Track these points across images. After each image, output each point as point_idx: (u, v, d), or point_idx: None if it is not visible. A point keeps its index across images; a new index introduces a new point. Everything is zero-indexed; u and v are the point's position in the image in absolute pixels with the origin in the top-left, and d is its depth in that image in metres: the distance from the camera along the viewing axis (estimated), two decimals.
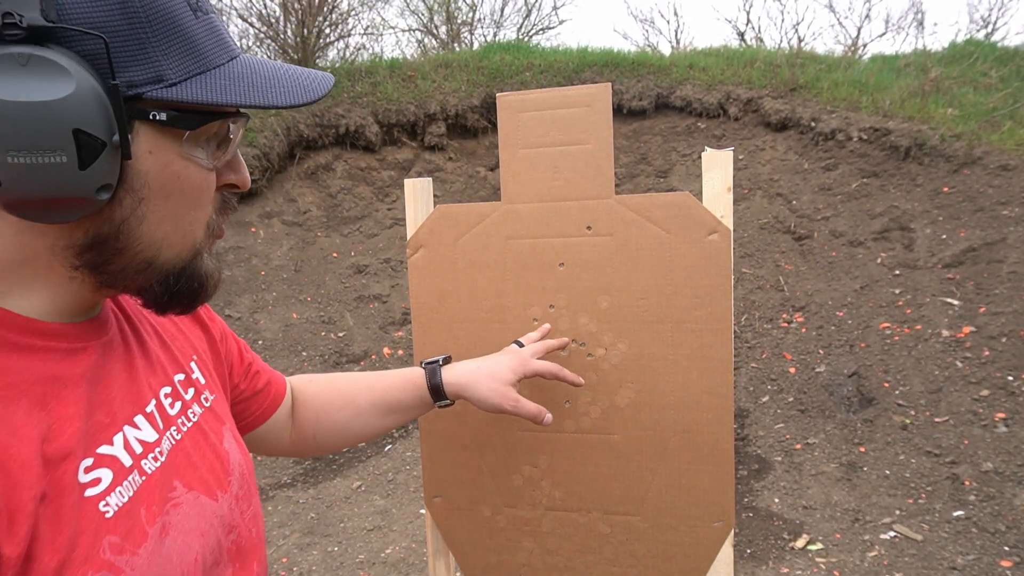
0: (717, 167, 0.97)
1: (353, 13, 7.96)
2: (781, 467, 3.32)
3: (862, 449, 3.32)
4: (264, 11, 7.50)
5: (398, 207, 5.55)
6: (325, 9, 7.24)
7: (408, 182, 1.09)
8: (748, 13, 13.41)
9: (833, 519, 2.94)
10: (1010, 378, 3.34)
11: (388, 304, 4.90)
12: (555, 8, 12.62)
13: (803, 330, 4.13)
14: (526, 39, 9.38)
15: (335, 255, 5.19)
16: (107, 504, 0.48)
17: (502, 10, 13.67)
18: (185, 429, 0.61)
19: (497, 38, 9.55)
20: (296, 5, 6.90)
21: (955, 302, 3.85)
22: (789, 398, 3.75)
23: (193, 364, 0.67)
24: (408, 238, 1.10)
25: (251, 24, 7.48)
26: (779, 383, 3.87)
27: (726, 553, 1.01)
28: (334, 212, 5.45)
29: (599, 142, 1.00)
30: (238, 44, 0.53)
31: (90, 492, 0.47)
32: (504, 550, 1.10)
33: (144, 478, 0.52)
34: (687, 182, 5.23)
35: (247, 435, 0.82)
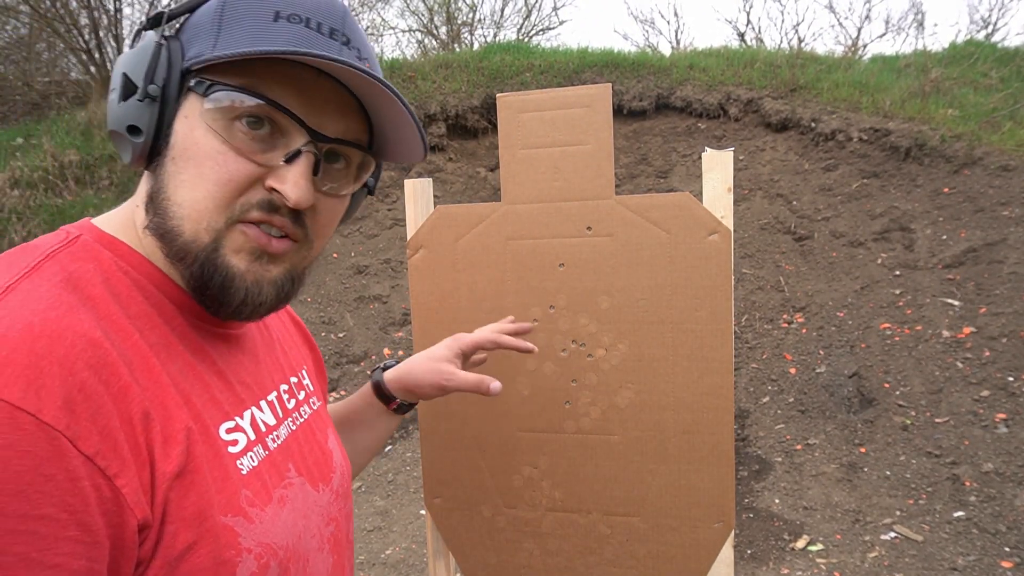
0: (717, 168, 0.97)
1: (353, 14, 7.97)
2: (781, 468, 3.32)
3: (862, 450, 3.32)
4: None
5: (398, 207, 5.55)
6: None
7: (408, 183, 1.09)
8: (748, 14, 13.43)
9: (833, 520, 2.93)
10: (1010, 379, 3.34)
11: (388, 305, 4.90)
12: (555, 9, 12.63)
13: (803, 331, 4.13)
14: (526, 40, 9.39)
15: (335, 256, 5.19)
16: (242, 463, 0.55)
17: (502, 11, 13.69)
18: (298, 423, 0.67)
19: (497, 39, 9.56)
20: None
21: (955, 303, 3.85)
22: (789, 399, 3.75)
23: (304, 372, 0.75)
24: (408, 239, 1.10)
25: None
26: (779, 384, 3.87)
27: (726, 554, 1.01)
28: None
29: (599, 143, 1.00)
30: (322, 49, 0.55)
31: (231, 449, 0.54)
32: (504, 551, 1.10)
33: (267, 453, 0.59)
34: (687, 183, 5.23)
35: None
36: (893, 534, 2.79)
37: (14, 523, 0.38)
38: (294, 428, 0.65)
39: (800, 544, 2.80)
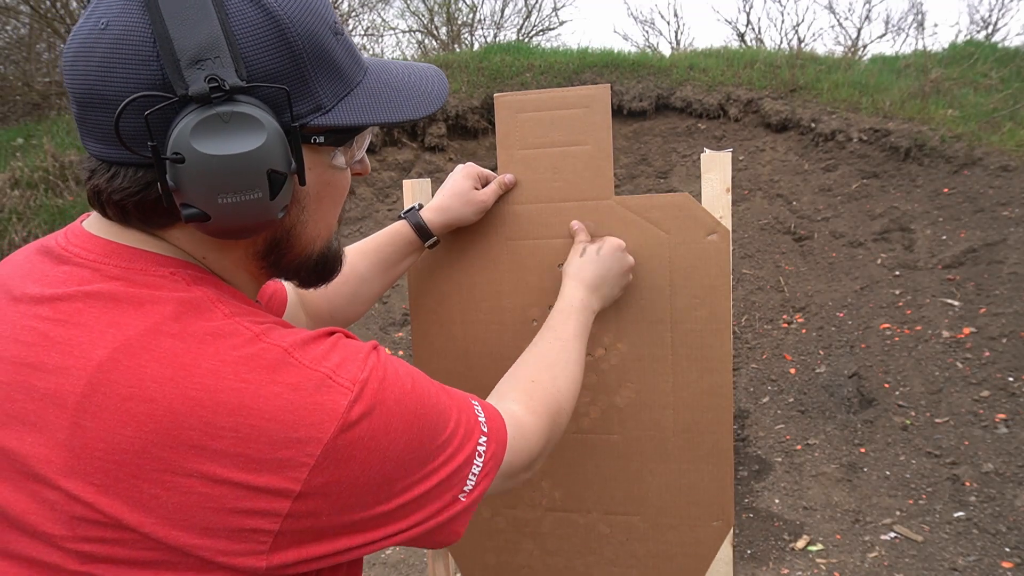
0: (716, 168, 0.97)
1: (354, 14, 7.98)
2: (781, 468, 3.32)
3: (862, 450, 3.32)
4: None
5: (399, 208, 5.55)
6: None
7: (407, 183, 1.09)
8: (748, 14, 13.44)
9: (833, 520, 2.93)
10: (1010, 379, 3.34)
11: (388, 305, 4.90)
12: (555, 9, 12.63)
13: (803, 331, 4.13)
14: (526, 40, 9.39)
15: None
16: None
17: (502, 11, 13.67)
18: None
19: (497, 39, 9.56)
20: None
21: (955, 303, 3.85)
22: (789, 399, 3.75)
23: None
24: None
25: None
26: (779, 384, 3.87)
27: (725, 553, 1.01)
28: None
29: (598, 143, 1.00)
30: (360, 51, 0.61)
31: None
32: (504, 551, 1.10)
33: None
34: (687, 183, 5.23)
35: None
36: (893, 534, 2.79)
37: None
38: None
39: (800, 544, 2.80)
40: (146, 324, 0.48)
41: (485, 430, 0.62)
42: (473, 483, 0.59)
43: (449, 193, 1.01)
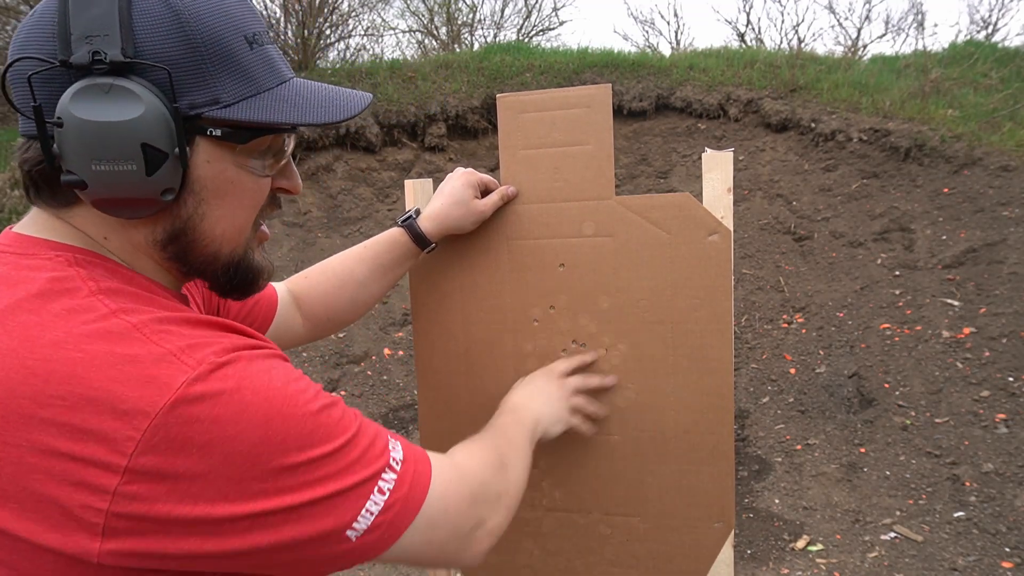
0: (717, 168, 0.97)
1: (353, 14, 7.98)
2: (781, 468, 3.32)
3: (862, 450, 3.32)
4: (264, 12, 7.51)
5: (399, 208, 5.55)
6: (325, 10, 7.24)
7: (408, 183, 1.09)
8: (748, 14, 13.42)
9: (833, 520, 2.93)
10: (1010, 379, 3.34)
11: (388, 305, 4.90)
12: (555, 9, 12.62)
13: (803, 331, 4.13)
14: (526, 40, 9.38)
15: None
16: None
17: (502, 11, 13.66)
18: None
19: (497, 39, 9.56)
20: (296, 6, 6.90)
21: (955, 303, 3.85)
22: (789, 399, 3.75)
23: None
24: None
25: None
26: (779, 384, 3.87)
27: (726, 554, 1.01)
28: (334, 213, 5.45)
29: (599, 143, 1.00)
30: (290, 70, 0.63)
31: None
32: (504, 551, 1.10)
33: None
34: (687, 183, 5.23)
35: None
36: (893, 534, 2.79)
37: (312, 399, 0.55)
38: None
39: (800, 544, 2.80)
40: (9, 301, 0.50)
41: (396, 466, 0.57)
42: (369, 522, 0.53)
43: (449, 201, 1.00)
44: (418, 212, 1.02)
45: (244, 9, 0.57)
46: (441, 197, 1.01)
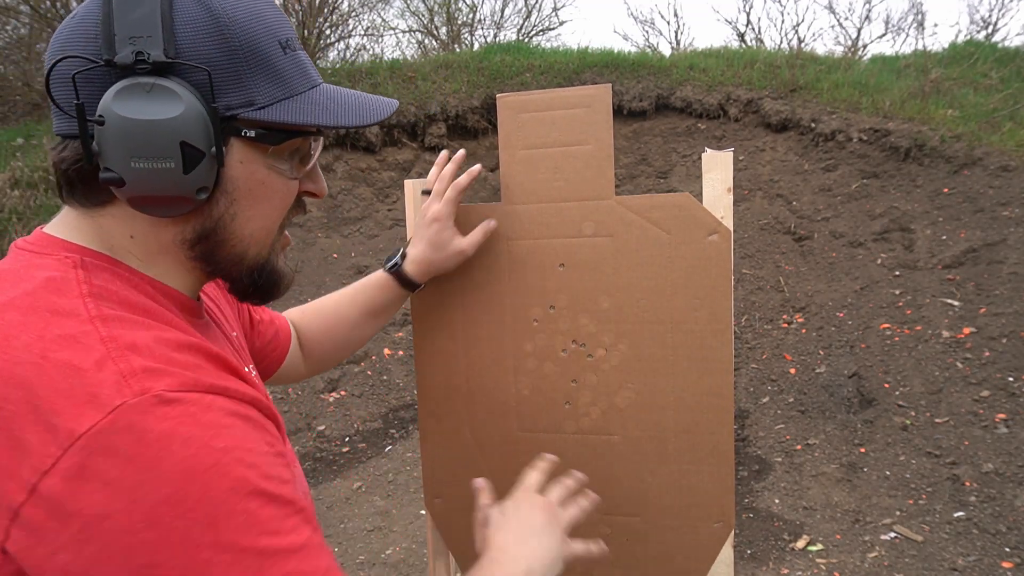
0: (717, 168, 0.97)
1: (353, 14, 7.98)
2: (781, 468, 3.32)
3: (862, 450, 3.32)
4: None
5: (399, 208, 5.55)
6: (325, 10, 7.25)
7: (408, 183, 1.09)
8: (748, 14, 13.44)
9: (833, 520, 2.93)
10: (1010, 379, 3.34)
11: None
12: (555, 9, 12.62)
13: (803, 331, 4.13)
14: (526, 40, 9.38)
15: (335, 256, 5.19)
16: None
17: (502, 11, 13.67)
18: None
19: (497, 39, 9.56)
20: (296, 6, 6.90)
21: (955, 303, 3.85)
22: (789, 399, 3.75)
23: (251, 367, 0.80)
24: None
25: None
26: (779, 384, 3.87)
27: (726, 554, 1.01)
28: (334, 213, 5.45)
29: (599, 143, 1.00)
30: (319, 76, 0.64)
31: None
32: None
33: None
34: (687, 183, 5.23)
35: (273, 375, 0.98)
36: (893, 534, 2.79)
37: (266, 468, 0.51)
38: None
39: (800, 544, 2.80)
40: (4, 299, 0.50)
41: None
42: None
43: (429, 248, 1.00)
44: (404, 255, 1.02)
45: (277, 14, 0.59)
46: (422, 242, 1.01)
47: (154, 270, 0.59)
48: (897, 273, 4.18)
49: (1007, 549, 2.60)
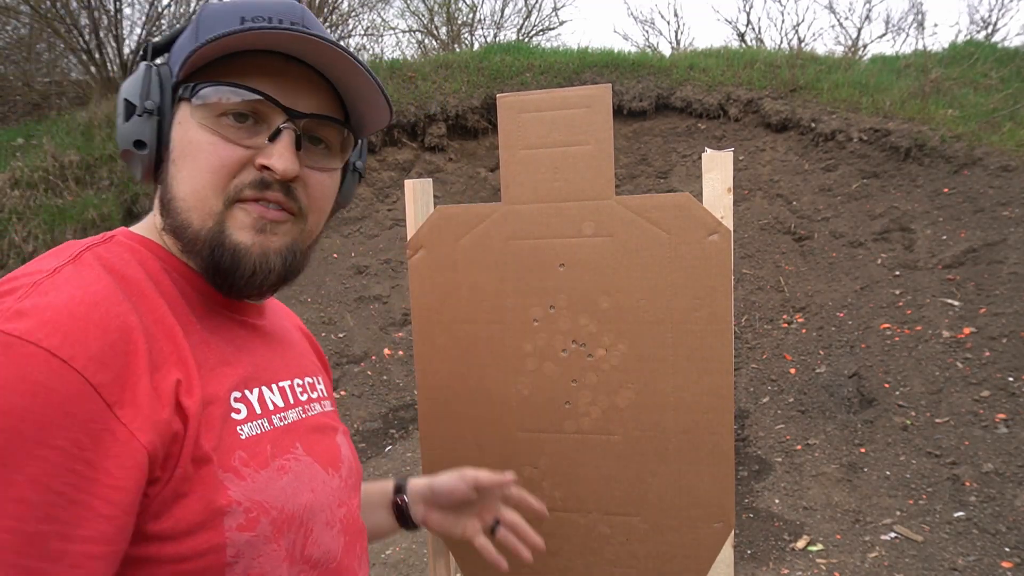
0: (717, 168, 0.97)
1: (353, 14, 7.98)
2: (781, 468, 3.32)
3: (862, 450, 3.32)
4: None
5: (398, 208, 5.55)
6: (325, 10, 7.24)
7: (408, 183, 1.09)
8: (748, 14, 13.43)
9: (833, 520, 2.93)
10: (1010, 379, 3.34)
11: (388, 305, 4.91)
12: (555, 9, 12.65)
13: (803, 331, 4.13)
14: (526, 40, 9.39)
15: (335, 256, 5.19)
16: (241, 429, 0.59)
17: (502, 11, 13.68)
18: (308, 414, 0.70)
19: (497, 39, 9.56)
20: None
21: (955, 303, 3.85)
22: (789, 399, 3.75)
23: (320, 379, 0.78)
24: (408, 239, 1.10)
25: None
26: (779, 384, 3.87)
27: (726, 554, 1.01)
28: (334, 213, 5.45)
29: (599, 143, 1.00)
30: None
31: (234, 415, 0.59)
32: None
33: (271, 428, 0.63)
34: (687, 183, 5.23)
35: None
36: (893, 534, 2.79)
37: (31, 447, 0.45)
38: (304, 416, 0.68)
39: (800, 544, 2.80)
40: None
41: None
42: None
43: (436, 492, 0.91)
44: (406, 504, 0.92)
45: (270, 5, 0.62)
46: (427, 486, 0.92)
47: (174, 249, 0.62)
48: (897, 273, 4.18)
49: (1007, 549, 2.60)
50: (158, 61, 0.63)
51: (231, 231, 0.59)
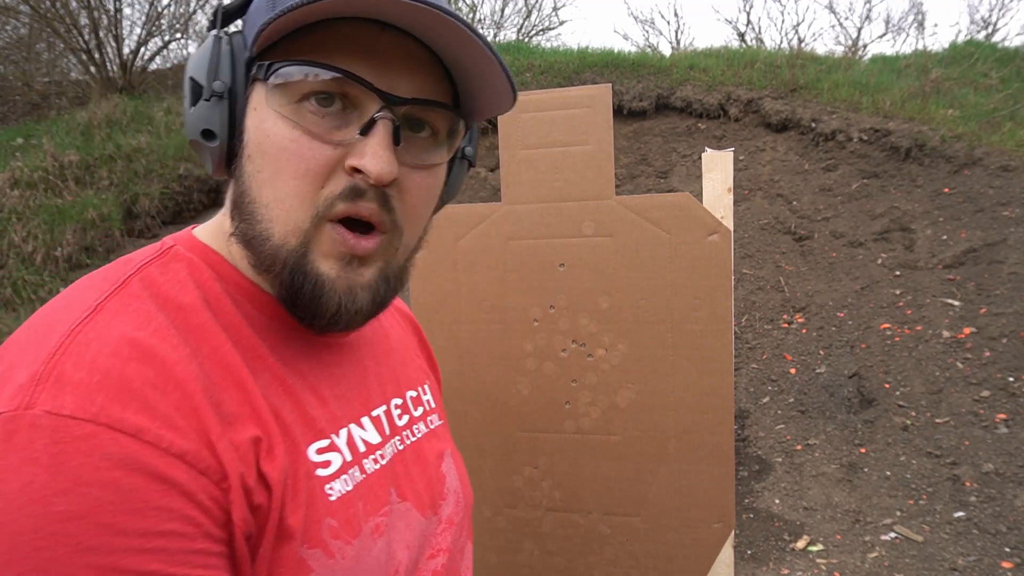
0: (717, 168, 0.97)
1: None
2: (781, 468, 3.32)
3: (863, 450, 3.31)
4: None
5: None
6: None
7: None
8: (748, 14, 13.42)
9: (834, 520, 2.93)
10: (1011, 379, 3.34)
11: None
12: (555, 9, 12.65)
13: (803, 331, 4.13)
14: (526, 40, 9.38)
15: None
16: (331, 489, 0.50)
17: (502, 11, 13.69)
18: (408, 443, 0.61)
19: (497, 39, 9.55)
20: None
21: (956, 303, 3.85)
22: (789, 399, 3.75)
23: (427, 387, 0.69)
24: None
25: None
26: (779, 384, 3.87)
27: (726, 554, 1.01)
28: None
29: (599, 143, 1.00)
30: None
31: (320, 472, 0.50)
32: (504, 551, 1.10)
33: (364, 476, 0.53)
34: (687, 183, 5.23)
35: None
36: (893, 534, 2.79)
37: (141, 541, 0.37)
38: (402, 448, 0.60)
39: (800, 544, 2.80)
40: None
41: None
42: None
43: None
44: None
45: None
46: None
47: (241, 263, 0.52)
48: (897, 273, 4.18)
49: (1007, 549, 2.59)
50: (230, 29, 0.52)
51: (315, 257, 0.49)
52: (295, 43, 0.48)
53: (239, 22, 0.54)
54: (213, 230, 0.55)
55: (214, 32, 0.50)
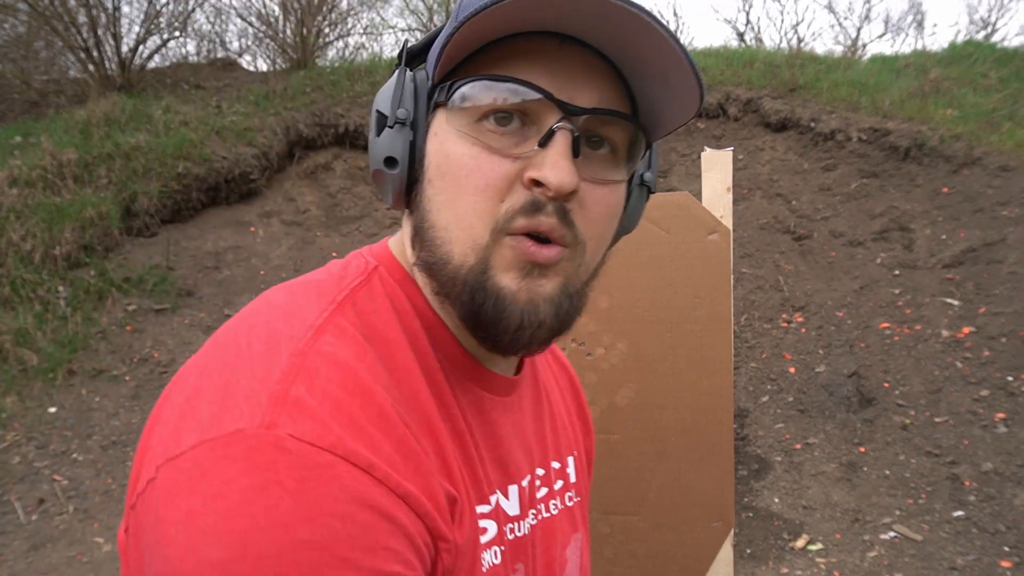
0: (716, 167, 0.97)
1: (352, 13, 7.97)
2: (781, 467, 3.32)
3: (862, 449, 3.32)
4: (263, 10, 7.51)
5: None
6: (324, 9, 7.24)
7: None
8: (747, 14, 13.44)
9: (833, 519, 2.94)
10: (1010, 378, 3.34)
11: None
12: None
13: (803, 330, 4.13)
14: None
15: (334, 255, 5.18)
16: (484, 559, 0.49)
17: None
18: (541, 519, 0.59)
19: None
20: (295, 4, 6.90)
21: (955, 302, 3.85)
22: (789, 398, 3.75)
23: (571, 459, 0.66)
24: None
25: (250, 24, 7.49)
26: (779, 383, 3.87)
27: (726, 553, 1.01)
28: (333, 212, 5.45)
29: None
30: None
31: (482, 538, 0.49)
32: None
33: (504, 547, 0.52)
34: (687, 182, 5.22)
35: None
36: (892, 533, 2.79)
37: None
38: (534, 524, 0.57)
39: (800, 543, 2.80)
40: (287, 284, 0.50)
41: None
42: None
43: None
44: None
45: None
46: None
47: (425, 290, 0.51)
48: (897, 272, 4.19)
49: (1006, 548, 2.60)
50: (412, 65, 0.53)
51: (495, 272, 0.47)
52: (473, 64, 0.49)
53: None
54: (402, 249, 0.54)
55: (399, 67, 0.52)
